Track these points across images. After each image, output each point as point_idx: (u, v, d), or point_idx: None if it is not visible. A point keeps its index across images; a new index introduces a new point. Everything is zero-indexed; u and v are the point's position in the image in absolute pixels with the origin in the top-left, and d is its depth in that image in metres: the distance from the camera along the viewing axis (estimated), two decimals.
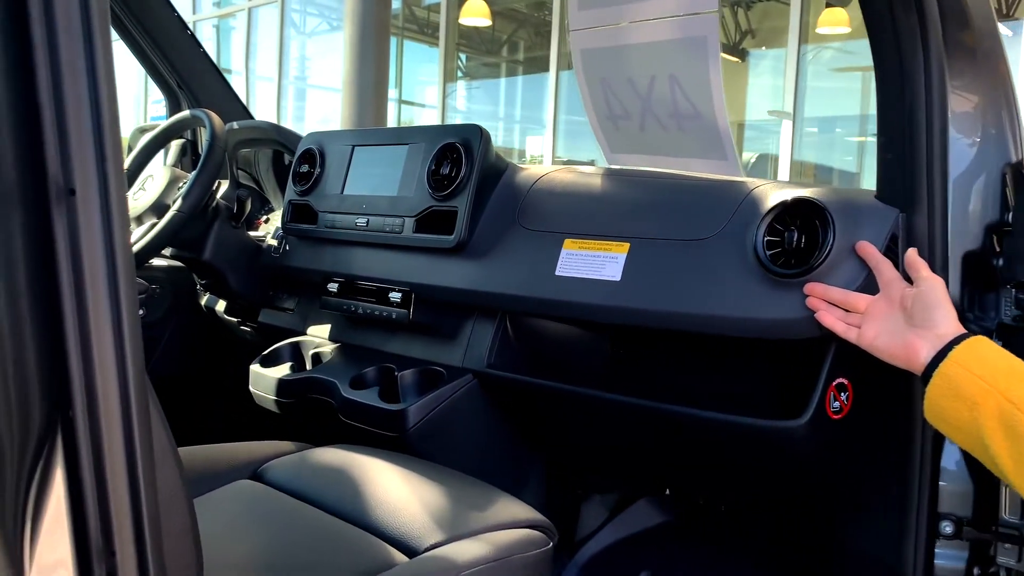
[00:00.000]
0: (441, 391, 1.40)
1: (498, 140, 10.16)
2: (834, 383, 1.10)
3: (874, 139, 1.13)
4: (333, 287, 1.64)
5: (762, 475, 1.27)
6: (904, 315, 0.95)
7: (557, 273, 1.28)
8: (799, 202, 1.09)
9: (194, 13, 11.70)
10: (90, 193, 0.51)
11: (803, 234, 1.07)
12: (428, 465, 1.10)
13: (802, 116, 7.08)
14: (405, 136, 1.57)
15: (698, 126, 1.26)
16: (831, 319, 1.01)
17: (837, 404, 1.11)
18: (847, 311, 1.01)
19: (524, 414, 1.46)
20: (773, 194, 1.14)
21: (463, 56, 10.49)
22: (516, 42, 10.60)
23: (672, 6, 1.20)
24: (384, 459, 1.09)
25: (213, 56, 2.36)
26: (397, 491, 0.99)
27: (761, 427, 1.13)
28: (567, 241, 1.30)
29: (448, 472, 1.09)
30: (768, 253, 1.09)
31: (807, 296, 1.04)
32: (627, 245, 1.23)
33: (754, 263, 1.10)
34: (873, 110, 1.12)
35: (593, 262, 1.25)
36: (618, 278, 1.22)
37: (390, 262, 1.54)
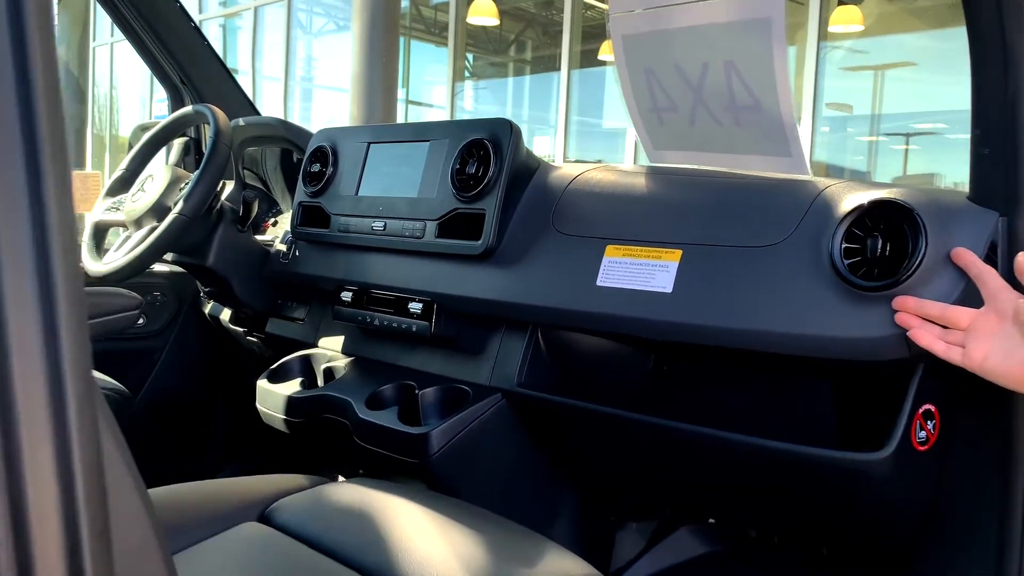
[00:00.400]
0: (467, 413, 1.27)
1: None
2: (920, 410, 0.97)
3: (886, 139, 0.99)
4: (347, 296, 1.51)
5: (828, 509, 1.14)
6: (1019, 330, 0.81)
7: (599, 283, 1.15)
8: (882, 204, 0.95)
9: (200, 12, 11.60)
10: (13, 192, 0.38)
11: (888, 241, 0.94)
12: (460, 506, 0.97)
13: (821, 115, 6.94)
14: (426, 132, 1.43)
15: (758, 119, 1.12)
16: (929, 338, 0.87)
17: (923, 434, 0.97)
18: (945, 328, 0.88)
19: (557, 437, 1.33)
20: (850, 195, 1.01)
21: (470, 56, 10.36)
22: (524, 41, 10.47)
23: None
24: (409, 498, 0.96)
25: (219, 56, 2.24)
26: (426, 538, 0.85)
27: (833, 460, 0.99)
28: (609, 247, 1.16)
29: (484, 515, 0.95)
30: (846, 262, 0.96)
31: (896, 312, 0.91)
32: (679, 252, 1.10)
33: (830, 274, 0.97)
34: (888, 109, 0.98)
35: (640, 271, 1.12)
36: (669, 289, 1.08)
37: (410, 270, 1.41)
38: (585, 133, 8.02)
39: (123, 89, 13.22)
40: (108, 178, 1.86)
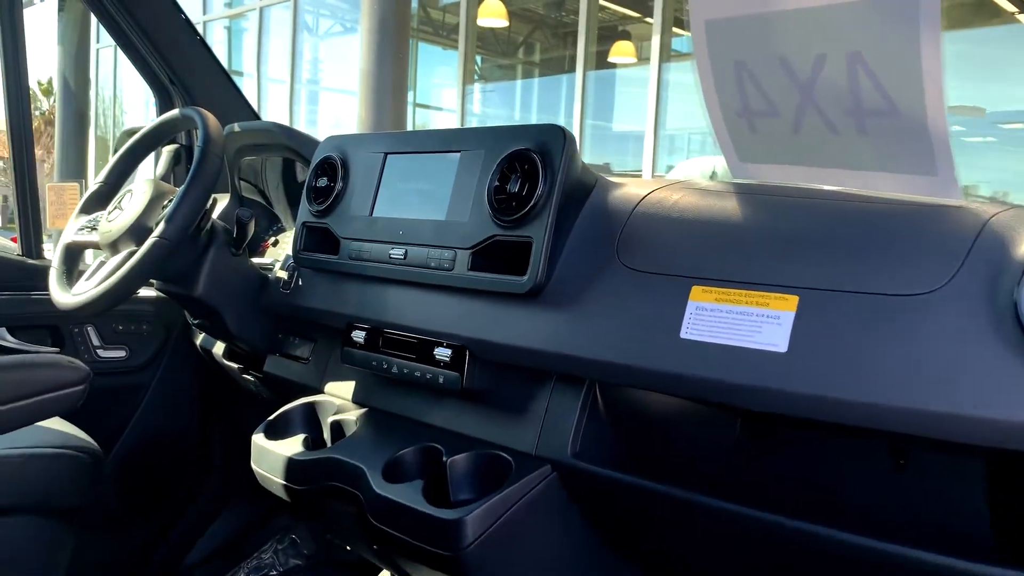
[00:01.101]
0: (509, 491, 1.02)
1: None
2: None
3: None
4: (359, 336, 1.26)
5: None
6: None
7: (683, 336, 0.90)
8: None
9: (204, 13, 11.39)
10: None
11: None
12: None
13: None
14: (456, 140, 1.19)
15: (893, 127, 0.87)
16: None
17: None
18: None
19: (620, 521, 1.08)
20: None
21: (479, 58, 10.14)
22: (536, 43, 10.24)
23: None
24: None
25: (224, 59, 1.99)
26: None
27: None
28: (696, 289, 0.91)
29: None
30: None
31: None
32: (794, 299, 0.84)
33: (1014, 334, 0.72)
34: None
35: (741, 322, 0.86)
36: (783, 348, 0.83)
37: (437, 308, 1.16)
38: (601, 137, 7.76)
39: (127, 90, 13.03)
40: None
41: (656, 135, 6.72)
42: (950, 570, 0.76)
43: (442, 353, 1.14)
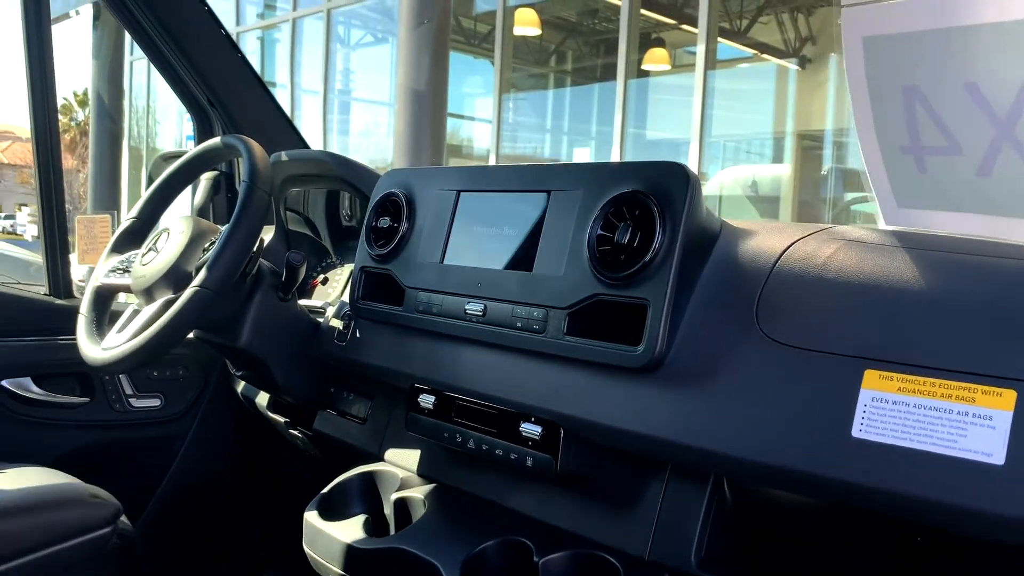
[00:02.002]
0: None
1: (549, 153, 9.65)
2: None
3: None
4: (427, 401, 1.09)
5: None
6: None
7: (855, 434, 0.71)
8: None
9: (237, 24, 11.36)
10: None
11: None
12: None
13: None
14: (547, 178, 1.01)
15: None
16: None
17: None
18: None
19: None
20: None
21: (514, 67, 10.00)
22: (570, 52, 10.09)
23: None
24: None
25: (257, 70, 1.84)
26: None
27: None
28: (871, 374, 0.73)
29: None
30: None
31: None
32: (1013, 394, 0.66)
33: None
34: None
35: (937, 421, 0.68)
36: (999, 459, 0.65)
37: (523, 376, 0.99)
38: (643, 147, 7.56)
39: (161, 101, 13.06)
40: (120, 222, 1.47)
41: (701, 143, 6.52)
42: None
43: (530, 430, 0.96)
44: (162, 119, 13.25)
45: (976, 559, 0.79)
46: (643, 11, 7.82)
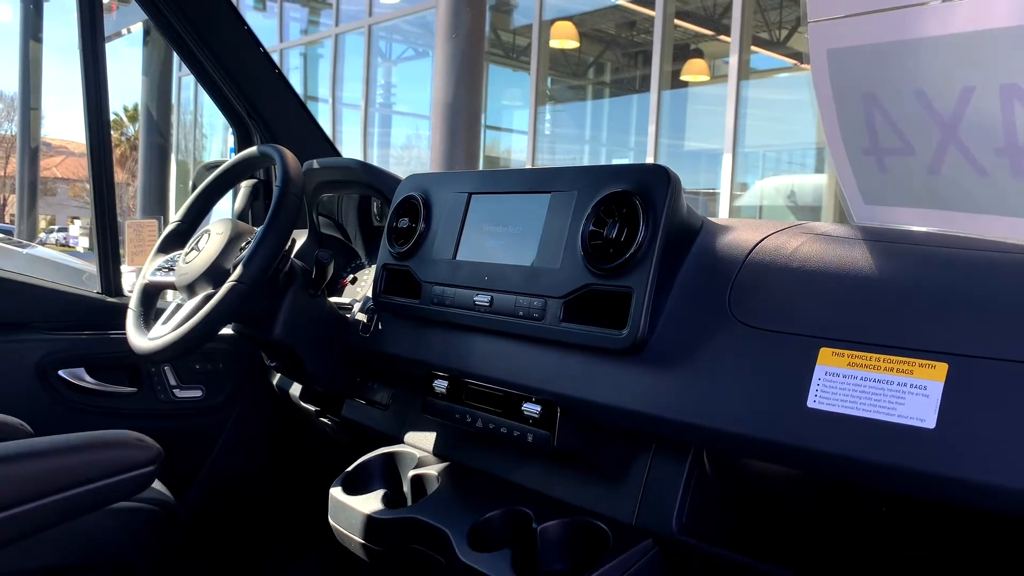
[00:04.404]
0: (608, 568, 0.93)
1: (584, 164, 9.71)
2: None
3: None
4: (441, 386, 1.19)
5: None
6: None
7: (810, 405, 0.80)
8: None
9: (280, 41, 11.66)
10: None
11: None
12: None
13: None
14: (547, 181, 1.11)
15: None
16: None
17: None
18: None
19: None
20: None
21: (549, 79, 10.11)
22: (607, 63, 10.17)
23: None
24: None
25: (301, 84, 1.96)
26: None
27: None
28: (826, 351, 0.81)
29: None
30: None
31: None
32: (944, 367, 0.74)
33: None
34: None
35: (880, 392, 0.76)
36: (930, 424, 0.72)
37: (525, 360, 1.08)
38: (678, 156, 7.62)
39: (207, 114, 13.42)
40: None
41: (734, 154, 6.56)
42: None
43: (530, 409, 1.06)
44: (209, 133, 13.61)
45: (937, 529, 0.87)
46: (680, 23, 7.88)
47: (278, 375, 1.70)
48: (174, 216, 1.53)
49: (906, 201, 0.91)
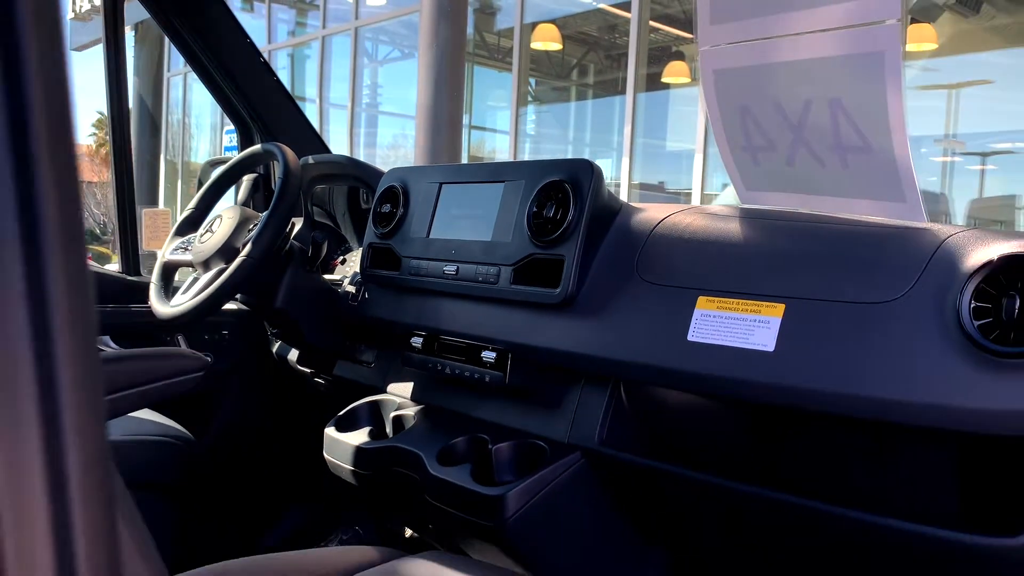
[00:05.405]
0: (544, 473, 1.19)
1: None
2: None
3: (961, 159, 0.88)
4: (417, 342, 1.45)
5: None
6: None
7: (690, 338, 1.06)
8: (1013, 260, 0.85)
9: (269, 42, 11.86)
10: None
11: None
12: None
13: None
14: (501, 172, 1.37)
15: (868, 161, 1.03)
16: None
17: None
18: None
19: (642, 502, 1.24)
20: (979, 247, 0.91)
21: (532, 80, 10.36)
22: (587, 65, 10.43)
23: (839, 16, 0.98)
24: None
25: (288, 84, 2.22)
26: None
27: (955, 542, 0.89)
28: (701, 299, 1.07)
29: None
30: (977, 324, 0.85)
31: None
32: (781, 307, 1.00)
33: (957, 336, 0.87)
34: (963, 128, 0.87)
35: (737, 326, 1.03)
36: (771, 348, 0.99)
37: (483, 317, 1.34)
38: (652, 155, 7.90)
39: (196, 116, 13.58)
40: (178, 214, 1.85)
41: (705, 154, 6.84)
42: (927, 536, 0.91)
43: (488, 356, 1.32)
44: (196, 133, 13.77)
45: (790, 426, 1.13)
46: (657, 25, 8.14)
47: (277, 344, 1.95)
48: (189, 204, 1.78)
49: (774, 187, 1.18)
